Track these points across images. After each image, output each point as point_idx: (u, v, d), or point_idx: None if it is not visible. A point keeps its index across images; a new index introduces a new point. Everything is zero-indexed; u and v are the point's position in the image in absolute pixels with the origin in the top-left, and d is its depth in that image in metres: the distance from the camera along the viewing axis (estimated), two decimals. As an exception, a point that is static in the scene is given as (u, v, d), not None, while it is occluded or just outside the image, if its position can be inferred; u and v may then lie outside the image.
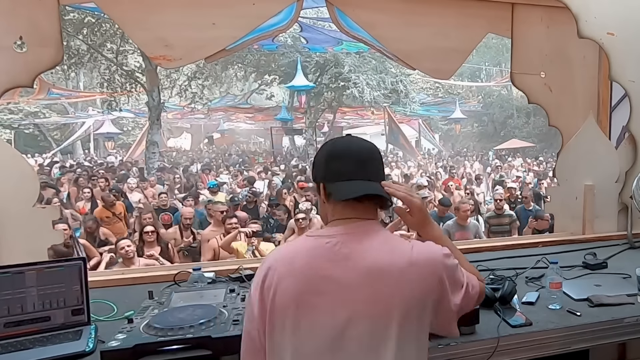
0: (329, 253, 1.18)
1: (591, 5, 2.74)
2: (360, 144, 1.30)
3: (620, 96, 3.11)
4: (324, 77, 18.69)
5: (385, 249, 1.19)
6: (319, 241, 1.21)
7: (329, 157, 1.27)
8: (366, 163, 1.26)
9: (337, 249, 1.18)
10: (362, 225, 1.23)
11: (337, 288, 1.15)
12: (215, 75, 20.14)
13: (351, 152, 1.26)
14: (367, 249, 1.18)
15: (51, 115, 23.96)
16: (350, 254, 1.17)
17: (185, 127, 32.17)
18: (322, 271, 1.16)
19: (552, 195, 3.17)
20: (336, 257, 1.17)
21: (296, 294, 1.15)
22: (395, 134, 23.31)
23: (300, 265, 1.18)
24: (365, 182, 1.24)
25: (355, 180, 1.23)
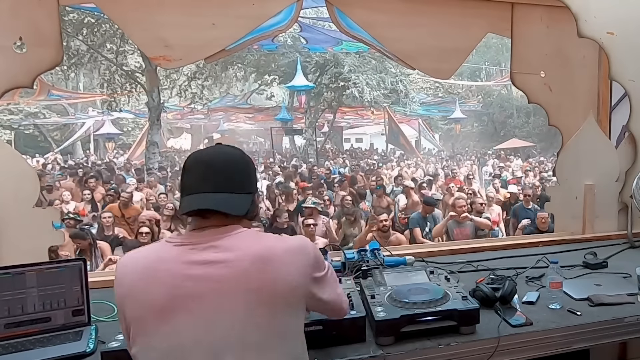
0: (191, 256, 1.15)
1: (591, 5, 2.74)
2: (211, 154, 1.25)
3: (620, 95, 3.11)
4: (324, 77, 18.68)
5: (255, 240, 1.19)
6: (180, 248, 1.17)
7: (182, 170, 1.26)
8: (210, 175, 1.21)
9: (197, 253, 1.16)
10: (224, 230, 1.19)
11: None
12: (215, 76, 20.10)
13: (200, 164, 1.23)
14: (236, 246, 1.17)
15: (51, 116, 23.97)
16: (218, 256, 1.15)
17: (185, 127, 32.15)
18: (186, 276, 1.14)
19: (552, 195, 3.17)
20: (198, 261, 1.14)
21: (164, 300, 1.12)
22: (395, 133, 23.32)
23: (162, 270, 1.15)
24: (207, 195, 1.19)
25: (198, 194, 1.20)
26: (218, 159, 1.23)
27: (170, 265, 1.14)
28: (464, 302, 1.63)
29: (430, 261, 2.39)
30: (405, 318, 1.55)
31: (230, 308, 1.11)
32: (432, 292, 1.68)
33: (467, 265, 2.39)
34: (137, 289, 1.14)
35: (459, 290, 1.73)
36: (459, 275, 2.21)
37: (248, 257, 1.14)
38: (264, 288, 1.13)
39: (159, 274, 1.13)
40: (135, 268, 1.16)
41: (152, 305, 1.12)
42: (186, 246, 1.16)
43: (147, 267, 1.15)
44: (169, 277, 1.13)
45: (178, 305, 1.11)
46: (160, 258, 1.16)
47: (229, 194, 1.21)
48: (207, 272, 1.12)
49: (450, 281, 1.86)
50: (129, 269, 1.17)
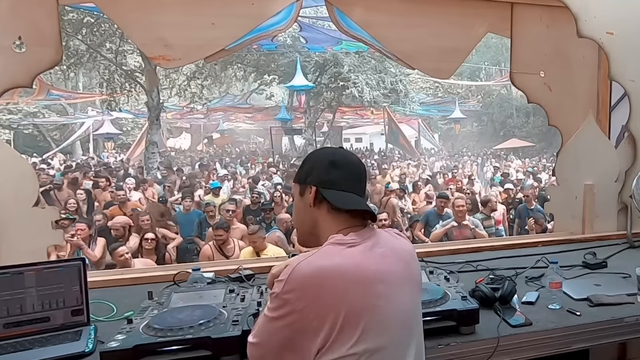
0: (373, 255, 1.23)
1: (591, 5, 2.74)
2: (357, 159, 1.35)
3: (620, 95, 3.11)
4: (324, 76, 18.67)
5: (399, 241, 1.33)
6: (358, 247, 1.22)
7: (331, 164, 1.28)
8: (362, 179, 1.33)
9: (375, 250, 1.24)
10: (375, 231, 1.30)
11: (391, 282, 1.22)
12: (215, 75, 20.10)
13: (352, 166, 1.31)
14: (395, 245, 1.30)
15: (50, 116, 23.96)
16: (385, 251, 1.25)
17: (185, 127, 32.15)
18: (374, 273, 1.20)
19: (552, 194, 3.17)
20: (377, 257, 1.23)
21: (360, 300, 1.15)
22: (394, 133, 23.32)
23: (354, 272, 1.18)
24: (358, 198, 1.29)
25: (352, 194, 1.28)
26: (362, 165, 1.35)
27: (365, 265, 1.19)
28: (463, 302, 1.63)
29: (430, 261, 2.39)
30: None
31: (407, 298, 1.25)
32: (432, 292, 1.68)
33: (467, 265, 2.39)
34: (350, 294, 1.14)
35: (458, 291, 1.73)
36: (458, 275, 2.21)
37: (403, 252, 1.30)
38: (418, 279, 1.33)
39: (363, 277, 1.18)
40: (340, 275, 1.15)
41: (363, 306, 1.15)
42: (359, 245, 1.22)
43: (348, 272, 1.16)
44: (369, 278, 1.18)
45: (383, 303, 1.18)
46: (355, 263, 1.18)
47: (363, 197, 1.33)
48: (389, 267, 1.23)
49: (449, 281, 1.87)
50: (331, 277, 1.14)
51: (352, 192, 1.28)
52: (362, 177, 1.32)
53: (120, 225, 5.78)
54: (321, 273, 1.13)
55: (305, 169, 1.31)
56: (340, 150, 1.36)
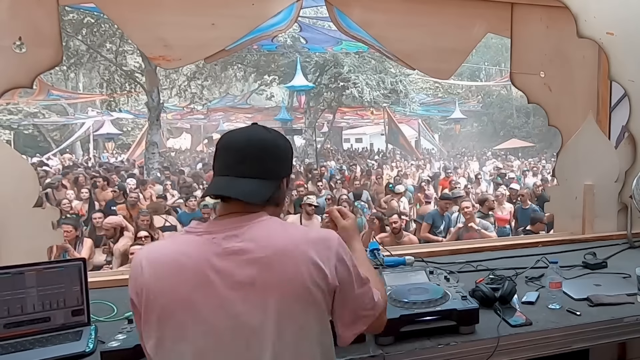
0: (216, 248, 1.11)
1: (590, 5, 2.74)
2: (249, 137, 1.20)
3: (620, 96, 3.11)
4: (324, 77, 18.67)
5: (278, 231, 1.15)
6: (203, 237, 1.14)
7: (218, 147, 1.21)
8: (243, 158, 1.17)
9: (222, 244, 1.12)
10: (246, 219, 1.15)
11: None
12: (215, 76, 20.11)
13: (235, 146, 1.19)
14: (270, 241, 1.13)
15: (51, 116, 23.95)
16: (244, 246, 1.11)
17: (185, 127, 32.15)
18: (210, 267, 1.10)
19: (552, 195, 3.17)
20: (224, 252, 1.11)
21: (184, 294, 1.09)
22: (394, 134, 23.32)
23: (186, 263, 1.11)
24: (235, 180, 1.16)
25: (223, 177, 1.17)
26: (250, 142, 1.19)
27: (195, 257, 1.10)
28: (463, 302, 1.63)
29: (430, 261, 2.39)
30: (404, 318, 1.55)
31: (256, 301, 1.08)
32: (432, 292, 1.68)
33: (467, 265, 2.39)
34: (163, 281, 1.09)
35: (458, 290, 1.73)
36: (458, 275, 2.21)
37: (269, 248, 1.11)
38: (285, 281, 1.09)
39: (184, 267, 1.10)
40: (160, 260, 1.12)
41: (180, 299, 1.08)
42: (208, 235, 1.13)
43: (172, 259, 1.11)
44: (194, 270, 1.09)
45: (204, 297, 1.08)
46: (184, 251, 1.12)
47: (254, 179, 1.17)
48: (230, 264, 1.09)
49: (449, 281, 1.87)
50: (151, 261, 1.12)
51: (230, 174, 1.16)
52: (238, 157, 1.17)
53: (112, 226, 5.62)
54: (144, 258, 1.12)
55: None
56: (230, 132, 1.24)
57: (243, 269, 1.09)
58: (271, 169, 1.21)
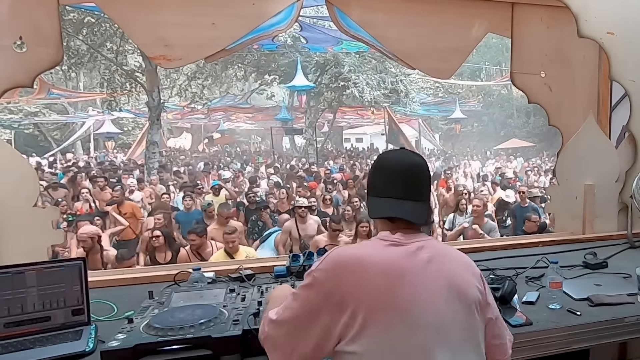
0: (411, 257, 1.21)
1: (591, 5, 2.74)
2: (408, 161, 1.32)
3: (620, 96, 3.11)
4: (324, 77, 18.66)
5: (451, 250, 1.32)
6: (401, 248, 1.22)
7: (376, 169, 1.33)
8: (409, 182, 1.29)
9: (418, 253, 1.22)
10: (423, 236, 1.28)
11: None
12: (215, 75, 20.11)
13: (397, 168, 1.30)
14: (446, 252, 1.29)
15: (51, 115, 23.96)
16: (432, 256, 1.22)
17: (185, 127, 32.16)
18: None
19: (552, 195, 3.17)
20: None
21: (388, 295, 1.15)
22: (395, 133, 23.28)
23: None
24: (401, 202, 1.27)
25: (392, 199, 1.28)
26: (414, 168, 1.31)
27: (401, 264, 1.19)
28: None
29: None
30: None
31: (444, 306, 1.18)
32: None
33: (467, 265, 2.38)
34: (379, 286, 1.15)
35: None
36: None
37: (454, 259, 1.27)
38: (464, 290, 1.22)
39: (397, 272, 1.17)
40: (371, 266, 1.17)
41: (396, 302, 1.14)
42: (403, 246, 1.22)
43: (385, 265, 1.18)
44: (404, 276, 1.17)
45: (415, 302, 1.15)
46: (392, 260, 1.19)
47: (416, 202, 1.29)
48: (430, 273, 1.19)
49: None
50: (362, 265, 1.18)
51: (393, 197, 1.27)
52: (409, 180, 1.29)
53: (88, 236, 4.98)
54: (353, 260, 1.19)
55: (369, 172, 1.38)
56: (390, 153, 1.37)
57: (441, 274, 1.21)
58: (427, 192, 1.35)
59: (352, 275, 1.16)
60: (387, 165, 1.32)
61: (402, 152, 1.35)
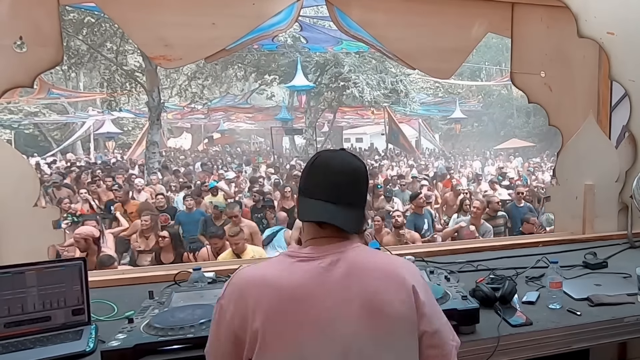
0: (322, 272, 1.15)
1: (591, 5, 2.74)
2: (344, 163, 1.22)
3: (620, 96, 3.11)
4: (324, 76, 18.67)
5: (374, 256, 1.21)
6: (311, 263, 1.15)
7: (310, 168, 1.23)
8: (342, 185, 1.19)
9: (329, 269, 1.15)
10: (344, 246, 1.18)
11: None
12: (215, 75, 20.11)
13: (331, 170, 1.20)
14: (368, 264, 1.17)
15: (51, 115, 23.97)
16: (348, 271, 1.15)
17: (186, 127, 32.16)
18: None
19: (552, 194, 3.17)
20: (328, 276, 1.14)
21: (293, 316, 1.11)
22: (395, 133, 23.30)
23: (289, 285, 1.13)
24: (329, 207, 1.17)
25: (324, 202, 1.18)
26: (346, 170, 1.21)
27: (308, 284, 1.12)
28: (463, 302, 1.63)
29: (430, 261, 2.39)
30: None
31: (358, 325, 1.11)
32: (432, 292, 1.68)
33: (467, 265, 2.39)
34: (274, 306, 1.10)
35: (458, 290, 1.73)
36: (458, 275, 2.21)
37: (375, 272, 1.15)
38: (382, 306, 1.12)
39: (294, 292, 1.12)
40: (273, 288, 1.12)
41: (300, 327, 1.10)
42: (313, 261, 1.15)
43: (290, 287, 1.12)
44: (309, 298, 1.11)
45: (313, 321, 1.10)
46: (296, 280, 1.13)
47: (349, 207, 1.20)
48: (335, 287, 1.12)
49: (450, 281, 1.87)
50: (260, 287, 1.13)
51: (325, 200, 1.18)
52: (343, 183, 1.19)
53: (82, 237, 4.62)
54: (255, 282, 1.14)
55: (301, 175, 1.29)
56: (327, 152, 1.27)
57: (348, 291, 1.12)
58: (362, 197, 1.25)
59: (252, 300, 1.11)
60: (323, 166, 1.21)
61: (341, 154, 1.25)
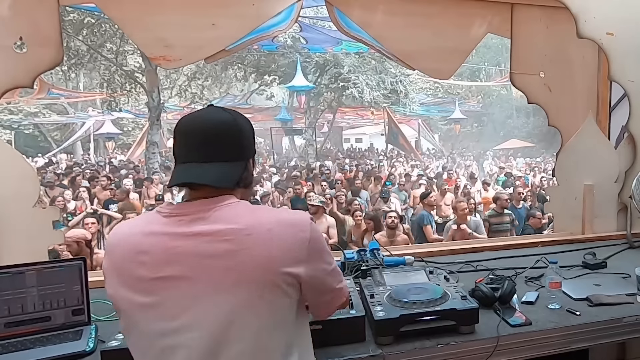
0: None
1: (590, 5, 2.75)
2: (205, 119, 1.17)
3: (620, 96, 3.11)
4: (324, 77, 18.70)
5: (246, 213, 1.13)
6: (170, 219, 1.12)
7: (173, 136, 1.19)
8: (205, 143, 1.14)
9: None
10: (214, 201, 1.13)
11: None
12: (215, 76, 20.15)
13: (190, 130, 1.16)
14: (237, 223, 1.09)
15: (51, 116, 23.97)
16: (208, 229, 1.09)
17: (185, 127, 32.13)
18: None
19: (551, 195, 3.17)
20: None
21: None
22: (394, 134, 23.30)
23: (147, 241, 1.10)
24: (193, 166, 1.14)
25: (187, 164, 1.15)
26: (209, 125, 1.16)
27: (158, 237, 1.09)
28: (463, 302, 1.63)
29: (430, 261, 2.39)
30: (404, 317, 1.55)
31: (216, 286, 1.06)
32: (432, 292, 1.69)
33: (467, 265, 2.39)
34: (125, 262, 1.10)
35: (458, 290, 1.73)
36: (458, 275, 2.22)
37: (237, 231, 1.07)
38: (249, 264, 1.06)
39: (146, 246, 1.09)
40: (124, 239, 1.12)
41: (139, 280, 1.08)
42: (175, 217, 1.11)
43: (136, 239, 1.11)
44: (156, 251, 1.08)
45: (164, 281, 1.07)
46: (149, 230, 1.11)
47: (220, 163, 1.15)
48: (195, 245, 1.07)
49: (449, 281, 1.87)
50: (117, 240, 1.14)
51: (191, 160, 1.14)
52: (199, 141, 1.14)
53: (73, 240, 4.57)
54: (116, 237, 1.15)
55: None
56: (187, 116, 1.20)
57: (205, 249, 1.07)
58: (235, 151, 1.19)
59: (113, 254, 1.12)
60: (185, 127, 1.17)
61: (205, 111, 1.21)
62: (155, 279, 1.07)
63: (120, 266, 1.11)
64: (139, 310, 1.09)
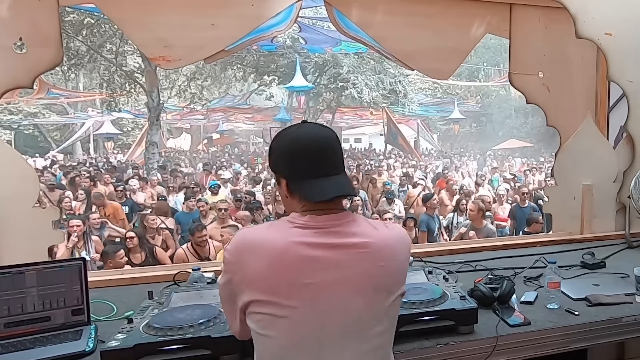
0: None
1: (589, 6, 2.75)
2: (317, 136, 1.22)
3: (618, 96, 3.12)
4: (323, 77, 18.69)
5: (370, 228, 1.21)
6: (306, 230, 1.17)
7: (292, 155, 1.21)
8: (328, 156, 1.21)
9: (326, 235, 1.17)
10: (342, 216, 1.20)
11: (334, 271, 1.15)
12: (215, 76, 20.15)
13: (313, 149, 1.20)
14: (356, 233, 1.19)
15: (51, 116, 23.96)
16: (342, 242, 1.17)
17: (185, 127, 32.12)
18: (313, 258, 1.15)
19: (550, 195, 3.18)
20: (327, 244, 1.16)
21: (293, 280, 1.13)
22: (393, 134, 23.28)
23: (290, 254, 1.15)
24: (331, 179, 1.20)
25: (321, 178, 1.19)
26: (323, 140, 1.22)
27: (298, 248, 1.14)
28: (462, 302, 1.64)
29: (429, 261, 2.40)
30: (403, 318, 1.55)
31: (353, 295, 1.15)
32: (431, 292, 1.69)
33: (466, 265, 2.40)
34: (266, 270, 1.13)
35: (457, 290, 1.74)
36: (457, 275, 2.22)
37: (372, 244, 1.18)
38: (382, 277, 1.18)
39: (288, 257, 1.13)
40: (262, 249, 1.15)
41: (280, 287, 1.12)
42: (310, 229, 1.16)
43: (276, 250, 1.14)
44: (297, 261, 1.13)
45: (306, 289, 1.13)
46: (287, 242, 1.15)
47: (342, 174, 1.23)
48: (334, 257, 1.14)
49: (448, 281, 1.87)
50: (252, 248, 1.16)
51: (321, 176, 1.19)
52: (327, 153, 1.21)
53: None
54: (253, 243, 1.16)
55: (273, 157, 1.26)
56: (299, 135, 1.23)
57: (347, 261, 1.15)
58: (343, 162, 1.27)
59: (250, 259, 1.14)
60: (302, 150, 1.20)
61: (309, 126, 1.25)
62: (301, 285, 1.13)
63: (273, 270, 1.13)
64: (285, 312, 1.13)
